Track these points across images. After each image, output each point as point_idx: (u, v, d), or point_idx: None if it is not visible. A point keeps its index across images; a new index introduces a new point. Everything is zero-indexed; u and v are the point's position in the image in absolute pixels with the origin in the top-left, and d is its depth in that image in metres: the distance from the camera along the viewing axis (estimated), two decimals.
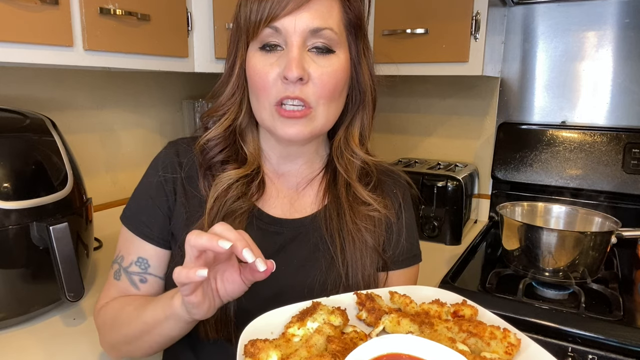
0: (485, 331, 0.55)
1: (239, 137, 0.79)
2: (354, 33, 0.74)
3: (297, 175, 0.82)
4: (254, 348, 0.51)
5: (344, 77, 0.73)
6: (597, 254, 1.15)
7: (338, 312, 0.59)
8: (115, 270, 0.79)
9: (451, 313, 0.62)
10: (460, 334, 0.56)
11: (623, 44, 1.49)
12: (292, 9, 0.67)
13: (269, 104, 0.71)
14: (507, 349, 0.53)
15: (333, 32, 0.70)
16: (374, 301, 0.62)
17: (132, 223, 0.78)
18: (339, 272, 0.75)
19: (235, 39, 0.75)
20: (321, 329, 0.55)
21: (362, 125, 0.81)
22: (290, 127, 0.71)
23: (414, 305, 0.63)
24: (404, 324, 0.57)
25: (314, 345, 0.52)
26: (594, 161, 1.50)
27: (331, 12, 0.70)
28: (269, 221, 0.78)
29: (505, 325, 0.56)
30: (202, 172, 0.78)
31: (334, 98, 0.73)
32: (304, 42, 0.69)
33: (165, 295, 0.67)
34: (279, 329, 0.57)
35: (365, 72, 0.78)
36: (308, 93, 0.69)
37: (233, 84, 0.76)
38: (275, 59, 0.70)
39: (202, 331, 0.72)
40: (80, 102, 1.39)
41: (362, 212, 0.78)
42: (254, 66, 0.71)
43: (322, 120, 0.73)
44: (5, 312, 0.90)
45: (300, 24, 0.67)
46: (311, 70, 0.69)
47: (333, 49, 0.71)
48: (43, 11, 0.88)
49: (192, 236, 0.56)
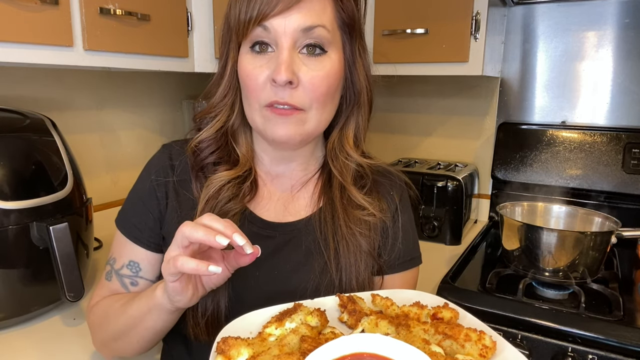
0: (460, 333, 0.55)
1: (231, 139, 0.79)
2: (348, 33, 0.73)
3: (292, 178, 0.81)
4: (225, 345, 0.51)
5: (336, 79, 0.72)
6: (597, 254, 1.15)
7: (316, 312, 0.59)
8: (108, 271, 0.79)
9: (430, 315, 0.62)
10: (435, 335, 0.56)
11: (623, 44, 1.49)
12: (281, 9, 0.66)
13: (259, 105, 0.70)
14: (482, 352, 0.53)
15: (325, 29, 0.68)
16: (355, 303, 0.62)
17: (124, 226, 0.78)
18: (332, 277, 0.75)
19: (227, 40, 0.74)
20: (297, 329, 0.55)
21: (357, 126, 0.80)
22: (280, 127, 0.70)
23: (395, 307, 0.63)
24: (382, 325, 0.57)
25: (287, 344, 0.52)
26: (594, 161, 1.50)
27: (324, 11, 0.69)
28: (262, 225, 0.77)
29: (482, 328, 0.56)
30: (194, 174, 0.78)
31: (326, 101, 0.72)
32: (294, 43, 0.68)
33: (149, 288, 0.67)
34: (258, 329, 0.58)
35: (360, 72, 0.76)
36: (298, 97, 0.68)
37: (225, 85, 0.76)
38: (265, 61, 0.69)
39: (194, 334, 0.72)
40: (80, 102, 1.39)
41: (356, 216, 0.77)
42: (245, 67, 0.70)
43: (314, 123, 0.72)
44: (5, 312, 0.90)
45: (290, 24, 0.66)
46: (301, 73, 0.68)
47: (325, 49, 0.69)
48: (43, 11, 0.88)
49: (187, 228, 0.57)
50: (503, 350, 0.54)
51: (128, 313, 0.69)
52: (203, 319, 0.70)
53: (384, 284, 0.82)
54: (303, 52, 0.69)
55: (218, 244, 0.55)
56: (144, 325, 0.68)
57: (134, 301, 0.69)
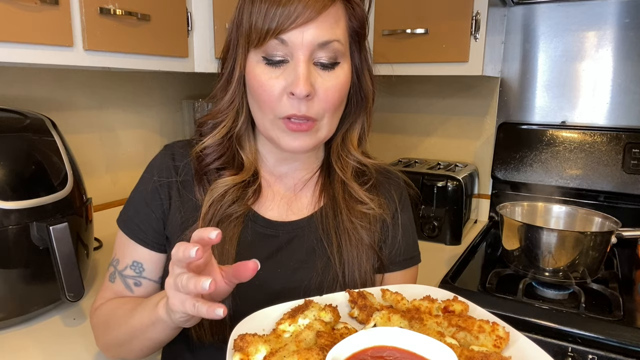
0: (473, 325, 0.55)
1: (236, 144, 0.79)
2: (357, 41, 0.74)
3: (294, 177, 0.82)
4: (243, 342, 0.51)
5: (347, 87, 0.73)
6: (597, 254, 1.15)
7: (329, 308, 0.59)
8: (111, 272, 0.79)
9: (442, 309, 0.62)
10: (449, 328, 0.56)
11: (623, 44, 1.49)
12: (301, 22, 0.65)
13: (274, 116, 0.70)
14: (496, 342, 0.53)
15: (340, 43, 0.69)
16: (365, 299, 0.62)
17: (127, 227, 0.78)
18: (335, 272, 0.75)
19: (235, 43, 0.73)
20: (311, 325, 0.55)
21: (362, 129, 0.81)
22: (295, 140, 0.71)
23: (405, 302, 0.63)
24: (394, 320, 0.57)
25: (303, 340, 0.53)
26: (594, 161, 1.50)
27: (338, 23, 0.69)
28: (265, 224, 0.78)
29: (494, 320, 0.57)
30: (197, 177, 0.78)
31: (337, 109, 0.73)
32: (310, 55, 0.67)
33: (151, 300, 0.66)
34: (271, 327, 0.58)
35: (367, 78, 0.77)
36: (313, 109, 0.69)
37: (233, 91, 0.75)
38: (280, 72, 0.68)
39: (197, 335, 0.72)
40: (80, 102, 1.39)
41: (357, 210, 0.78)
42: (258, 78, 0.69)
43: (326, 131, 0.73)
44: (5, 312, 0.90)
45: (308, 37, 0.66)
46: (317, 85, 0.68)
47: (338, 60, 0.70)
48: (43, 11, 0.88)
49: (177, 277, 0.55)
50: (516, 341, 0.55)
51: (130, 323, 0.69)
52: (207, 319, 0.70)
53: (384, 282, 0.82)
54: (317, 64, 0.69)
55: (202, 288, 0.53)
56: (147, 336, 0.68)
57: (136, 311, 0.68)
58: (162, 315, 0.62)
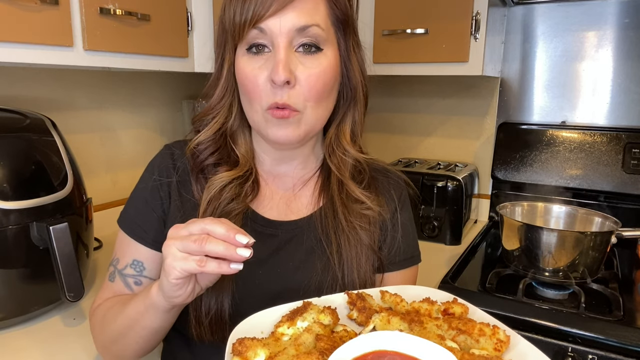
0: (474, 328, 0.55)
1: (229, 140, 0.79)
2: (342, 29, 0.74)
3: (293, 177, 0.82)
4: (241, 346, 0.51)
5: (332, 76, 0.72)
6: (597, 254, 1.15)
7: (328, 311, 0.58)
8: (111, 272, 0.79)
9: (441, 311, 0.62)
10: (449, 331, 0.56)
11: (623, 44, 1.49)
12: (276, 9, 0.66)
13: (261, 108, 0.70)
14: (496, 346, 0.53)
15: (320, 28, 0.69)
16: (364, 300, 0.62)
17: (127, 226, 0.78)
18: (334, 272, 0.75)
19: (222, 42, 0.74)
20: (310, 327, 0.55)
21: (354, 122, 0.81)
22: (280, 129, 0.70)
23: (405, 304, 0.63)
24: (394, 322, 0.57)
25: (302, 343, 0.52)
26: (594, 161, 1.50)
27: (317, 9, 0.69)
28: (264, 223, 0.78)
29: (495, 323, 0.57)
30: (194, 175, 0.78)
31: (322, 98, 0.72)
32: (290, 42, 0.68)
33: (145, 289, 0.67)
34: (269, 329, 0.57)
35: (355, 68, 0.77)
36: (295, 97, 0.69)
37: (222, 87, 0.76)
38: (263, 62, 0.69)
39: (197, 334, 0.72)
40: (80, 102, 1.39)
41: (355, 210, 0.78)
42: (243, 70, 0.70)
43: (311, 122, 0.72)
44: (5, 312, 0.90)
45: (286, 23, 0.67)
46: (298, 72, 0.68)
47: (321, 47, 0.70)
48: (43, 11, 0.88)
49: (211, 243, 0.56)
50: (517, 344, 0.54)
51: (124, 313, 0.69)
52: (207, 318, 0.70)
53: (384, 282, 0.82)
54: (299, 51, 0.69)
55: (240, 257, 0.55)
56: (140, 325, 0.68)
57: (131, 301, 0.69)
58: (155, 297, 0.62)
